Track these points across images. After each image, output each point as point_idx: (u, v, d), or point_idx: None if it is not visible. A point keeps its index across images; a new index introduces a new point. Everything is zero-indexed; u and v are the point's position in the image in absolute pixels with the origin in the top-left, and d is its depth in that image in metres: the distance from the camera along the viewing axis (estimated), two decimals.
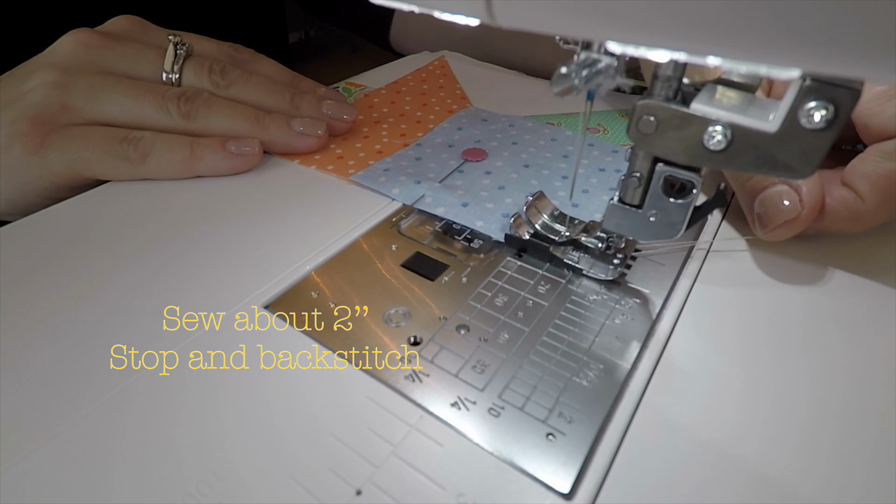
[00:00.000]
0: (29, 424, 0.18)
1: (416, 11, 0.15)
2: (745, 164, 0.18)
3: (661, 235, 0.22)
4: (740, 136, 0.17)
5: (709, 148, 0.18)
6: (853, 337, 0.22)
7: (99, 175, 0.31)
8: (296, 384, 0.20)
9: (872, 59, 0.11)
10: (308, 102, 0.36)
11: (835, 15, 0.10)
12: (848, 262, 0.26)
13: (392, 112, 0.41)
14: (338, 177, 0.32)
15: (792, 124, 0.16)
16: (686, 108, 0.18)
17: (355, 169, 0.33)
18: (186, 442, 0.18)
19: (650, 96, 0.19)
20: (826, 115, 0.15)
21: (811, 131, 0.16)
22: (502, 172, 0.33)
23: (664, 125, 0.19)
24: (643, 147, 0.20)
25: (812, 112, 0.15)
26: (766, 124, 0.17)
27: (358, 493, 0.17)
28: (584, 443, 0.18)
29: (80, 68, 0.30)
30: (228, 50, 0.36)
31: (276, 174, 0.33)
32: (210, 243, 0.27)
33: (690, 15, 0.11)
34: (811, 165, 0.17)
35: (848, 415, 0.19)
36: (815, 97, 0.15)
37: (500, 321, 0.23)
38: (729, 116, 0.17)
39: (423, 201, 0.30)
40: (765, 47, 0.11)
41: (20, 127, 0.28)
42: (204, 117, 0.32)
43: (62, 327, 0.22)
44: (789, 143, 0.16)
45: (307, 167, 0.33)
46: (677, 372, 0.21)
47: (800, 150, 0.16)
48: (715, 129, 0.18)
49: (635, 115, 0.19)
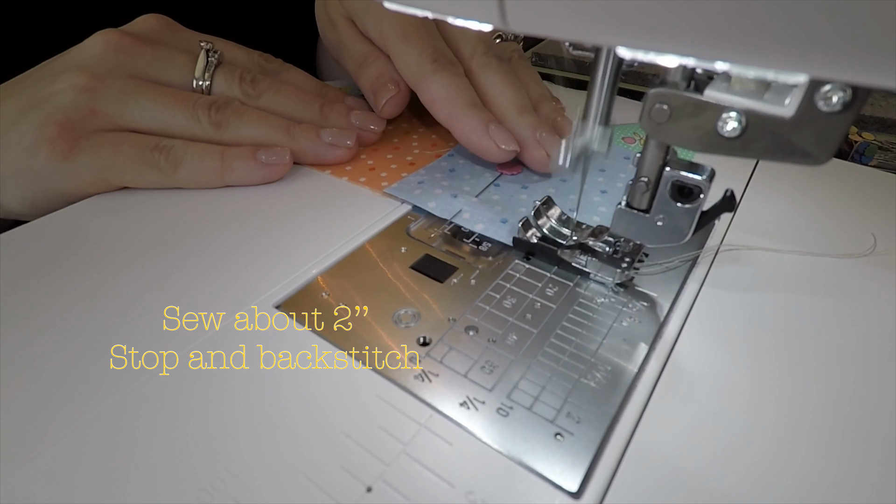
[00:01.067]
0: (46, 421, 0.19)
1: (431, 17, 0.15)
2: (761, 151, 0.17)
3: (669, 240, 0.22)
4: (755, 122, 0.17)
5: (723, 135, 0.18)
6: (861, 340, 0.22)
7: (129, 183, 0.31)
8: (308, 383, 0.20)
9: (879, 65, 0.11)
10: (337, 112, 0.36)
11: (841, 20, 0.10)
12: (855, 266, 0.26)
13: (422, 121, 0.41)
14: (371, 189, 0.32)
15: (808, 108, 0.16)
16: (700, 95, 0.18)
17: (388, 181, 0.32)
18: (201, 439, 0.18)
19: (663, 85, 0.18)
20: (843, 98, 0.15)
21: (828, 114, 0.15)
22: (539, 187, 0.32)
23: (678, 113, 0.18)
24: (656, 136, 0.20)
25: (830, 94, 0.15)
26: (782, 109, 0.16)
27: (369, 490, 0.17)
28: (592, 443, 0.18)
29: (110, 72, 0.30)
30: (258, 59, 0.36)
31: (287, 179, 0.33)
32: (223, 245, 0.27)
33: (699, 20, 0.11)
34: (828, 151, 0.16)
35: (855, 418, 0.19)
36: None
37: (509, 323, 0.23)
38: (743, 102, 0.17)
39: (461, 216, 0.29)
40: (772, 52, 0.11)
41: (48, 131, 0.28)
42: (235, 127, 0.32)
43: (74, 329, 0.22)
44: (805, 127, 0.16)
45: (338, 178, 0.33)
46: (684, 374, 0.21)
47: (816, 134, 0.16)
48: (729, 115, 0.17)
49: (648, 103, 0.19)
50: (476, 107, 0.32)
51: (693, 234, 0.22)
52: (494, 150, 0.31)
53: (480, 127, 0.31)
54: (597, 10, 0.12)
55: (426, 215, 0.30)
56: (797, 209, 0.31)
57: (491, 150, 0.31)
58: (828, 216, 0.30)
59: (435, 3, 0.15)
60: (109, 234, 0.28)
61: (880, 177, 0.35)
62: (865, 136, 0.44)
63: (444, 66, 0.33)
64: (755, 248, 0.27)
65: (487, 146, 0.31)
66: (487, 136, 0.31)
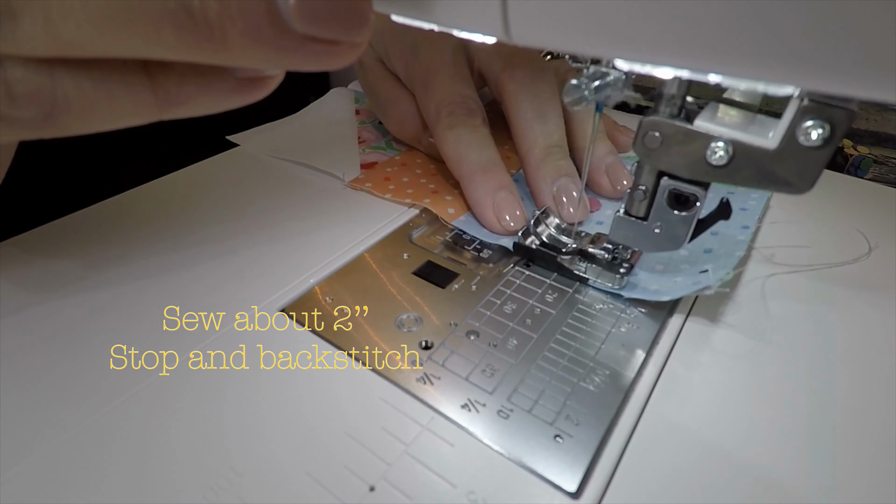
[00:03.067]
0: (47, 421, 0.19)
1: (437, 30, 0.16)
2: (746, 179, 0.18)
3: (666, 247, 0.23)
4: (741, 152, 0.18)
5: (711, 163, 0.19)
6: (857, 345, 0.23)
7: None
8: (312, 385, 0.20)
9: (865, 79, 0.12)
10: None
11: (830, 34, 0.11)
12: (850, 273, 0.27)
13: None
14: (440, 217, 0.30)
15: (790, 142, 0.17)
16: (690, 124, 0.19)
17: (455, 209, 0.31)
18: (206, 439, 0.19)
19: (656, 113, 0.19)
20: (822, 134, 0.16)
21: (808, 149, 0.17)
22: None
23: (669, 140, 0.19)
24: (648, 161, 0.21)
25: (809, 130, 0.16)
26: (766, 141, 0.17)
27: (371, 489, 0.17)
28: (590, 444, 0.18)
29: None
30: None
31: (293, 186, 0.34)
32: (225, 246, 0.28)
33: (693, 33, 0.12)
34: (808, 181, 0.17)
35: (851, 421, 0.20)
36: (812, 116, 0.16)
37: (509, 327, 0.23)
38: (731, 133, 0.18)
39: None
40: (763, 65, 0.12)
41: None
42: None
43: (75, 329, 0.23)
44: (788, 159, 0.17)
45: (401, 200, 0.32)
46: (681, 378, 0.21)
47: (798, 166, 0.17)
48: (717, 144, 0.18)
49: (641, 130, 0.20)
50: (486, 170, 0.30)
51: (689, 241, 0.22)
52: (495, 224, 0.29)
53: (485, 200, 0.29)
54: (597, 22, 0.13)
55: (428, 222, 0.30)
56: (792, 220, 0.31)
57: (492, 224, 0.29)
58: (823, 227, 0.31)
59: (439, 17, 0.16)
60: (110, 234, 0.29)
61: (876, 190, 0.35)
62: (860, 150, 0.44)
63: (458, 121, 0.31)
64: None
65: (489, 220, 0.29)
66: (490, 210, 0.29)
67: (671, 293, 0.24)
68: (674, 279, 0.25)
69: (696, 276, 0.25)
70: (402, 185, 0.33)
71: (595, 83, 0.18)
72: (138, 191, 0.32)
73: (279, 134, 0.40)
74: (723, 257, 0.25)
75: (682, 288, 0.24)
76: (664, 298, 0.24)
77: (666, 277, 0.25)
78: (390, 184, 0.33)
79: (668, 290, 0.24)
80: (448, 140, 0.31)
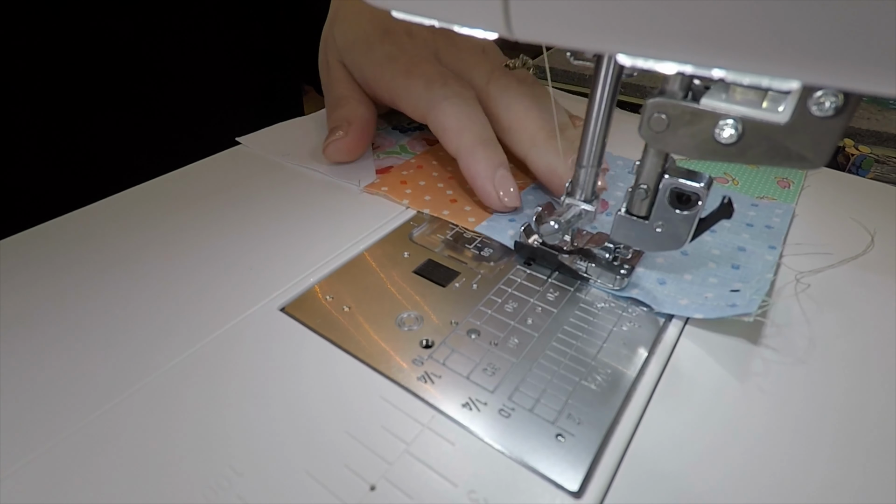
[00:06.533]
0: (47, 422, 0.19)
1: (437, 26, 0.16)
2: (758, 156, 0.18)
3: (667, 246, 0.22)
4: (751, 128, 0.17)
5: (720, 142, 0.18)
6: (858, 345, 0.23)
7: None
8: (312, 384, 0.20)
9: (870, 73, 0.12)
10: None
11: (833, 30, 0.11)
12: (851, 271, 0.26)
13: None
14: (460, 226, 0.30)
15: (802, 114, 0.16)
16: (697, 104, 0.18)
17: (475, 217, 0.30)
18: (206, 437, 0.18)
19: (661, 95, 0.19)
20: (836, 103, 0.15)
21: (821, 119, 0.16)
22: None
23: (675, 122, 0.19)
24: (655, 145, 0.20)
25: (822, 100, 0.15)
26: (777, 115, 0.17)
27: (372, 488, 0.17)
28: (592, 443, 0.18)
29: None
30: None
31: (294, 184, 0.34)
32: (226, 246, 0.28)
33: (696, 28, 0.12)
34: (823, 155, 0.17)
35: (850, 419, 0.20)
36: None
37: (510, 326, 0.23)
38: (739, 110, 0.17)
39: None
40: (766, 59, 0.12)
41: None
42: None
43: (75, 329, 0.23)
44: (800, 132, 0.16)
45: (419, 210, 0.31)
46: (683, 378, 0.21)
47: (811, 139, 0.16)
48: (726, 122, 0.18)
49: (646, 113, 0.19)
50: (487, 144, 0.30)
51: (691, 240, 0.22)
52: (495, 199, 0.30)
53: (487, 171, 0.30)
54: (599, 18, 0.13)
55: (428, 221, 0.30)
56: (796, 218, 0.31)
57: (492, 199, 0.30)
58: (825, 224, 0.31)
59: (440, 12, 0.16)
60: (111, 232, 0.29)
61: (877, 188, 0.35)
62: (862, 150, 0.44)
63: (455, 92, 0.31)
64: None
65: (489, 193, 0.30)
66: (492, 183, 0.29)
67: (705, 312, 0.23)
68: (704, 295, 0.25)
69: (728, 295, 0.24)
70: (419, 189, 0.33)
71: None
72: (139, 189, 0.32)
73: (289, 137, 0.39)
74: (752, 277, 0.25)
75: (716, 309, 0.23)
76: (697, 315, 0.23)
77: (695, 291, 0.25)
78: (407, 188, 0.33)
79: (699, 306, 0.24)
80: (445, 110, 0.31)
